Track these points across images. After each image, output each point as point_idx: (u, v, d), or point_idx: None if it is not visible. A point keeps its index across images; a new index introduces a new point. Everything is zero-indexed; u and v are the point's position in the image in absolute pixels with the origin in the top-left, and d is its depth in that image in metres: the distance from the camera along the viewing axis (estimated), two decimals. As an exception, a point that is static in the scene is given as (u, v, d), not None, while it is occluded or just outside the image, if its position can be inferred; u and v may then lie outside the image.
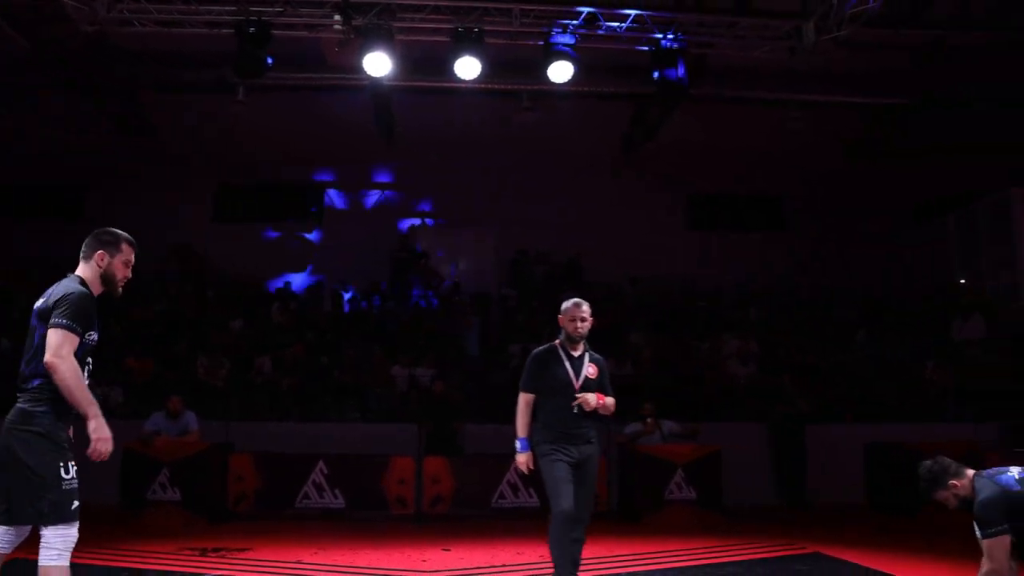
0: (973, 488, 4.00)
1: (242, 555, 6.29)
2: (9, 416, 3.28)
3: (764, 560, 6.16)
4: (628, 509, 8.74)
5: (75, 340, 3.25)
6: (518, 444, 4.54)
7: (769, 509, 9.55)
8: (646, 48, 9.39)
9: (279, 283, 14.07)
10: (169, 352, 11.29)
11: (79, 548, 5.55)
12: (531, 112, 12.56)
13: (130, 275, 3.59)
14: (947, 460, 4.11)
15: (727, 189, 15.56)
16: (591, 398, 4.50)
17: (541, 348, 4.76)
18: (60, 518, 3.19)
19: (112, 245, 3.56)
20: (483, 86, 12.01)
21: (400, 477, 8.67)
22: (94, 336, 3.40)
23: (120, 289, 3.60)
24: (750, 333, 12.52)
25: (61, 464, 3.22)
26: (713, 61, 11.96)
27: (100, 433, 3.23)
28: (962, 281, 14.12)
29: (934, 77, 11.89)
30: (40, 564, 3.17)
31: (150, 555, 6.18)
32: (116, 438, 8.89)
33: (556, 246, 14.59)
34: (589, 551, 6.59)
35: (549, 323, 12.50)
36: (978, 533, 3.88)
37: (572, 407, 4.49)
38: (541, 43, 9.04)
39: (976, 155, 13.40)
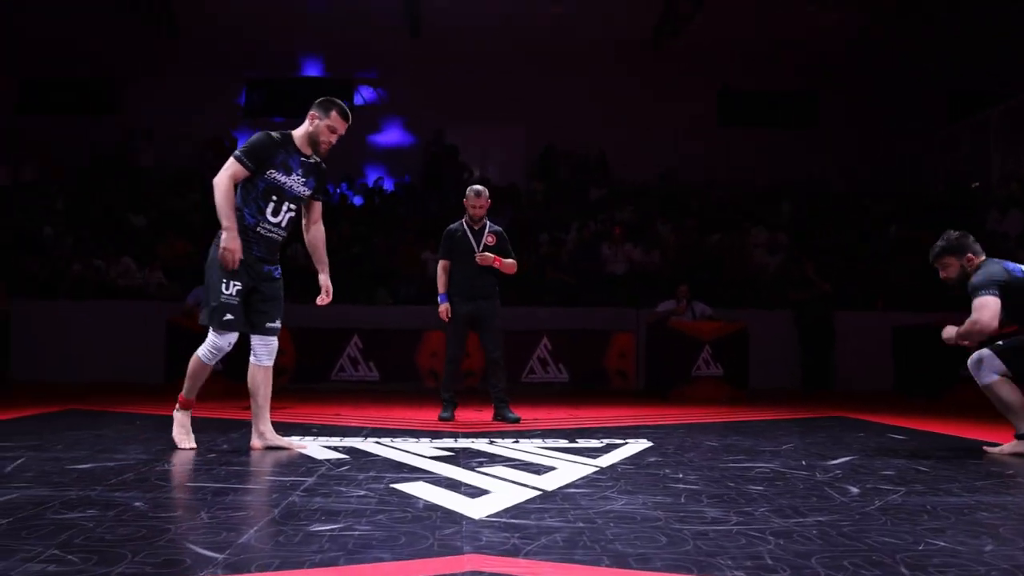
0: (979, 267, 4.15)
1: (283, 409, 6.57)
2: None
3: (788, 420, 6.31)
4: (656, 386, 8.94)
5: (239, 168, 3.79)
6: (439, 299, 5.84)
7: (795, 392, 9.70)
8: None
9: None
10: (205, 239, 11.52)
11: (122, 403, 5.92)
12: (558, 5, 12.33)
13: (334, 141, 3.98)
14: (972, 238, 4.25)
15: (759, 85, 15.26)
16: (488, 255, 5.71)
17: (452, 225, 5.94)
18: (215, 323, 3.82)
19: (324, 110, 3.94)
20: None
21: (433, 351, 8.91)
22: (275, 175, 3.86)
23: (324, 150, 3.99)
24: (780, 226, 12.48)
25: (224, 280, 3.77)
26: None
27: (226, 244, 3.74)
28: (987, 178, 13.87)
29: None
30: (197, 350, 3.91)
31: (196, 410, 6.45)
32: (159, 317, 9.19)
33: (586, 141, 14.48)
34: (610, 412, 6.85)
35: (577, 216, 12.58)
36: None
37: (474, 264, 5.72)
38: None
39: (1016, 46, 12.97)
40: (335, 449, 4.22)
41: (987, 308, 3.94)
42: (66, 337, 9.73)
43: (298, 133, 3.95)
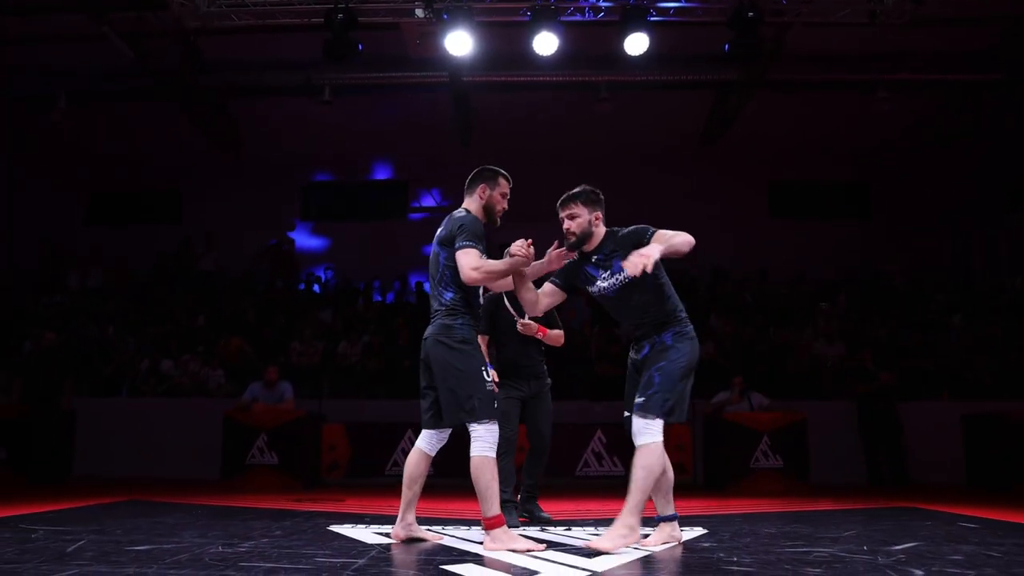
0: (604, 235, 3.89)
1: (338, 503, 6.59)
2: (430, 330, 3.75)
3: (851, 510, 6.06)
4: (713, 479, 8.71)
5: (478, 254, 3.67)
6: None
7: (860, 486, 9.32)
8: (721, 22, 9.34)
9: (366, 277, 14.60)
10: (263, 339, 11.86)
11: (181, 496, 6.03)
12: (608, 103, 12.66)
13: (506, 207, 4.03)
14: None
15: (811, 176, 15.34)
16: (532, 325, 4.90)
17: (491, 294, 5.08)
18: (488, 415, 3.62)
19: (492, 179, 4.00)
20: (560, 78, 12.24)
21: (487, 444, 8.85)
22: (482, 256, 3.73)
23: (499, 219, 4.01)
24: (837, 316, 12.30)
25: (482, 367, 3.67)
26: (793, 43, 11.87)
27: (514, 251, 3.71)
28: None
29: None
30: (472, 455, 3.67)
31: (252, 502, 6.53)
32: (217, 413, 9.31)
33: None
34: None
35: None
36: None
37: (518, 339, 5.01)
38: (617, 17, 9.09)
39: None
40: (387, 535, 4.22)
41: (669, 233, 3.66)
42: (126, 433, 9.97)
43: (473, 207, 3.93)
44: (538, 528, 4.61)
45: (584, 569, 3.06)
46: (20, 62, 11.37)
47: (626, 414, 3.76)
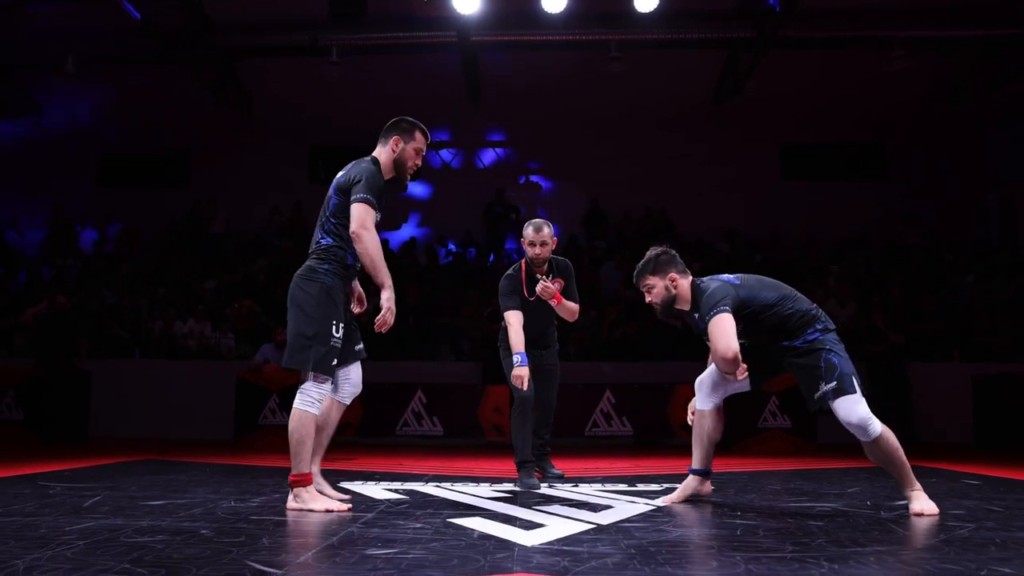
0: (692, 291, 3.73)
1: (348, 462, 6.69)
2: (298, 271, 3.57)
3: (856, 468, 6.11)
4: (721, 439, 8.73)
5: (374, 213, 3.52)
6: (519, 358, 4.58)
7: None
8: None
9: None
10: (272, 301, 11.94)
11: (194, 455, 6.12)
12: (618, 63, 12.50)
13: (420, 164, 3.83)
14: (678, 256, 3.80)
15: (824, 139, 15.15)
16: (549, 286, 4.65)
17: (509, 270, 4.89)
18: (322, 369, 3.46)
19: (407, 132, 3.77)
20: (570, 37, 12.09)
21: (496, 406, 8.93)
22: (378, 215, 3.62)
23: (409, 176, 3.83)
24: (849, 279, 12.25)
25: (333, 321, 3.48)
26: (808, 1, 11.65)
27: (390, 304, 3.54)
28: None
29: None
30: (295, 406, 3.53)
31: (264, 461, 6.63)
32: (229, 375, 9.35)
33: (645, 200, 14.54)
34: (673, 462, 6.75)
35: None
36: (703, 326, 3.60)
37: (532, 314, 4.74)
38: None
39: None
40: (396, 491, 4.29)
41: (718, 330, 3.46)
42: (141, 395, 10.10)
43: (383, 159, 3.74)
44: (546, 485, 4.67)
45: (589, 522, 3.11)
46: (29, 25, 11.31)
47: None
